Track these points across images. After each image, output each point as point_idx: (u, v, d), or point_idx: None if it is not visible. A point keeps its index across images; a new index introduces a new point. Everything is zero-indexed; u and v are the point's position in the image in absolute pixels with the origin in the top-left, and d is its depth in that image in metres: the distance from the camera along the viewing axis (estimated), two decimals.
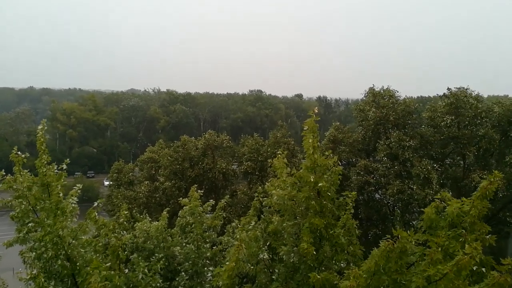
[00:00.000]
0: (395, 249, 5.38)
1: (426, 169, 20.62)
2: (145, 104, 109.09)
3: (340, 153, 24.33)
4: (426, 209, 6.12)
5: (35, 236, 7.29)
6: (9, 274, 14.71)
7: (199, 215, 10.30)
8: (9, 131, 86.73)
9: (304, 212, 7.42)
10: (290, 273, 7.57)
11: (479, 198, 5.62)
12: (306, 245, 6.62)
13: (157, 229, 9.84)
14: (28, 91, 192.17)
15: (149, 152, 31.33)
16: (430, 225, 6.04)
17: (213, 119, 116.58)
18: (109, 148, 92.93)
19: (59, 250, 7.28)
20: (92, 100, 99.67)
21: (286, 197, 7.51)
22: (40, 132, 7.97)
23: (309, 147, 7.26)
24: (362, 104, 25.88)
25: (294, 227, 7.72)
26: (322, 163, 7.25)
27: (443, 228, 5.87)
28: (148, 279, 7.88)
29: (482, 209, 5.57)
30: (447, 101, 22.78)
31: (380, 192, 23.93)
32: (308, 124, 7.48)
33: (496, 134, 21.87)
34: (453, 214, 5.71)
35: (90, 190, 68.80)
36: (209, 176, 27.40)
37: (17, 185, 7.50)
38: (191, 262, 9.31)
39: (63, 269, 7.31)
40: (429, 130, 23.46)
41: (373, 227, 24.43)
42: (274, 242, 8.17)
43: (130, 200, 25.93)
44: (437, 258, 5.20)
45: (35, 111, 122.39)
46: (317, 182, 7.04)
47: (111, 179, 32.14)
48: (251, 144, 28.38)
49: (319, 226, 6.90)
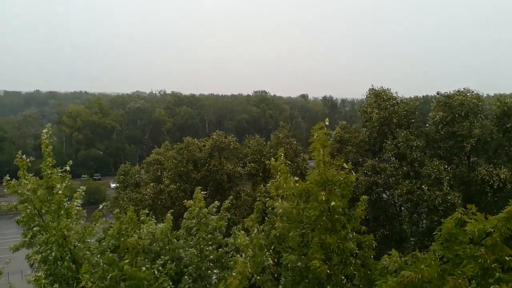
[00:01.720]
0: (415, 283, 5.04)
1: (437, 169, 20.47)
2: (150, 106, 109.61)
3: (347, 153, 24.22)
4: (446, 221, 5.80)
5: (40, 239, 7.31)
6: (17, 277, 14.81)
7: (204, 216, 10.19)
8: (16, 134, 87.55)
9: (313, 223, 6.97)
10: (297, 278, 7.32)
11: (504, 220, 5.25)
12: (319, 263, 6.19)
13: (162, 231, 9.81)
14: (34, 94, 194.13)
15: (155, 154, 31.40)
16: (448, 239, 5.72)
17: (218, 120, 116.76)
18: (115, 151, 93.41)
19: (64, 252, 7.28)
20: (98, 103, 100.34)
21: (294, 211, 7.09)
22: (45, 135, 8.01)
23: (319, 161, 6.78)
24: (364, 105, 25.92)
25: (301, 237, 7.38)
26: (334, 178, 6.70)
27: (461, 243, 5.54)
28: (162, 279, 7.86)
29: (505, 231, 5.21)
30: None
31: (387, 193, 23.77)
32: (318, 136, 6.96)
33: (494, 127, 22.14)
34: (474, 234, 5.37)
35: (96, 192, 69.29)
36: (216, 177, 27.35)
37: (21, 189, 7.53)
38: (195, 266, 9.28)
39: (68, 271, 7.31)
40: (432, 129, 23.58)
41: (380, 227, 24.24)
42: (278, 246, 7.93)
43: (136, 202, 25.98)
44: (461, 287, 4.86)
45: (42, 114, 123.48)
46: (329, 200, 6.53)
47: (118, 181, 32.28)
48: (254, 145, 28.34)
49: (332, 245, 6.47)
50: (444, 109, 22.74)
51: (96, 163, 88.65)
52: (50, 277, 7.31)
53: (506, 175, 19.95)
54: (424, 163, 21.55)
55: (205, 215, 10.21)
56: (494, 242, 5.25)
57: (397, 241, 23.18)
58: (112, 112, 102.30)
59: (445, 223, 5.75)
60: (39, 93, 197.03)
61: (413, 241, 22.61)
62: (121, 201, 28.04)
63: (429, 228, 21.18)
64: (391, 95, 24.86)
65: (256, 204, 9.40)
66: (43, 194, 7.57)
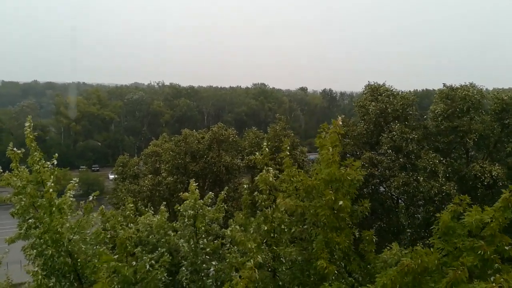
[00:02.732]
0: (415, 270, 5.04)
1: (433, 162, 20.67)
2: (149, 98, 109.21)
3: (345, 146, 24.34)
4: (443, 214, 5.76)
5: (35, 233, 7.23)
6: (17, 267, 14.90)
7: (200, 208, 10.01)
8: (14, 125, 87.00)
9: (316, 221, 6.79)
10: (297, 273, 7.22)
11: (501, 209, 5.30)
12: (325, 263, 5.96)
13: (157, 224, 9.81)
14: (32, 85, 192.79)
15: (153, 146, 31.42)
16: (446, 232, 5.70)
17: (217, 113, 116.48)
18: (114, 142, 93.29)
19: (59, 247, 7.20)
20: (96, 94, 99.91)
21: (299, 209, 6.86)
22: (28, 129, 7.55)
23: (328, 160, 6.60)
24: (362, 100, 26.25)
25: (303, 233, 7.24)
26: (341, 177, 6.53)
27: (459, 236, 5.56)
28: (155, 272, 7.87)
29: (503, 221, 5.26)
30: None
31: (384, 185, 23.95)
32: (329, 136, 6.87)
33: (494, 123, 22.12)
34: (472, 226, 5.39)
35: (95, 183, 69.27)
36: (214, 170, 27.43)
37: (14, 182, 7.34)
38: (189, 261, 9.23)
39: (65, 266, 7.28)
40: (431, 122, 23.71)
41: (378, 220, 24.43)
42: (270, 239, 7.80)
43: (134, 193, 26.09)
44: (462, 279, 4.85)
45: (40, 105, 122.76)
46: (337, 200, 6.36)
47: (116, 172, 32.35)
48: (251, 138, 28.33)
49: (341, 245, 6.32)
50: (445, 102, 22.77)
51: (94, 154, 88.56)
52: (46, 271, 7.29)
53: (498, 173, 19.89)
54: (420, 156, 21.75)
55: (202, 206, 10.14)
56: (492, 232, 5.27)
57: (394, 233, 23.40)
58: (110, 103, 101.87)
59: (442, 216, 5.72)
60: (37, 84, 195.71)
61: (410, 233, 22.88)
62: (119, 192, 28.17)
63: (425, 219, 21.40)
64: (387, 89, 25.44)
65: (243, 199, 9.03)
66: (33, 189, 7.43)
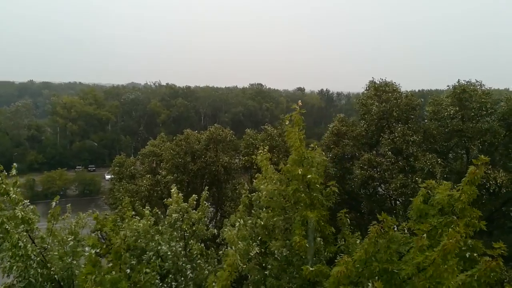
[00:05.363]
0: (383, 235, 5.51)
1: (430, 163, 20.39)
2: (145, 98, 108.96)
3: (344, 146, 24.11)
4: (414, 199, 6.19)
5: (2, 248, 7.24)
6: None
7: (186, 211, 10.43)
8: (10, 125, 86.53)
9: (294, 206, 7.49)
10: (283, 266, 7.69)
11: (468, 183, 5.65)
12: (299, 238, 6.62)
13: (143, 228, 9.74)
14: (28, 85, 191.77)
15: (150, 146, 31.24)
16: (420, 214, 6.12)
17: (213, 113, 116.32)
18: (110, 142, 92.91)
19: (27, 261, 7.25)
20: (93, 94, 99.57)
21: (276, 192, 7.56)
22: None
23: (295, 140, 7.23)
24: (364, 97, 25.46)
25: (285, 222, 7.82)
26: (309, 156, 7.25)
27: (433, 216, 5.94)
28: (148, 277, 7.84)
29: (471, 194, 5.63)
30: (454, 91, 22.11)
31: (383, 187, 23.73)
32: (293, 117, 7.49)
33: (501, 128, 21.54)
34: (443, 201, 5.77)
35: (91, 184, 68.82)
36: (212, 169, 27.33)
37: None
38: (171, 262, 9.31)
39: (40, 276, 7.35)
40: (433, 124, 23.10)
41: (375, 220, 24.31)
42: (264, 237, 8.29)
43: (132, 193, 25.86)
44: (423, 245, 5.22)
45: (35, 105, 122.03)
46: (306, 175, 7.05)
47: (113, 172, 32.07)
48: (247, 139, 28.20)
49: (313, 219, 6.90)
50: (458, 104, 21.65)
51: (90, 154, 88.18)
52: (24, 282, 7.33)
53: (503, 180, 18.53)
54: (418, 157, 21.34)
55: (187, 210, 10.49)
56: (463, 205, 5.63)
57: None
58: (107, 103, 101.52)
59: (414, 200, 6.21)
60: (32, 84, 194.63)
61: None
62: (116, 192, 27.92)
63: None
64: (395, 88, 24.19)
65: (242, 199, 9.81)
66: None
